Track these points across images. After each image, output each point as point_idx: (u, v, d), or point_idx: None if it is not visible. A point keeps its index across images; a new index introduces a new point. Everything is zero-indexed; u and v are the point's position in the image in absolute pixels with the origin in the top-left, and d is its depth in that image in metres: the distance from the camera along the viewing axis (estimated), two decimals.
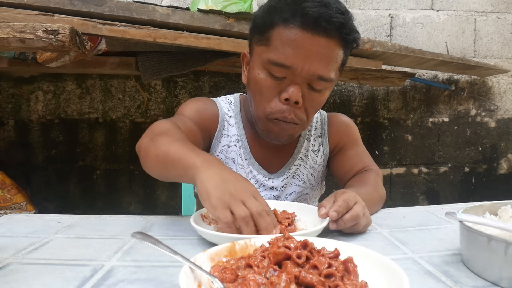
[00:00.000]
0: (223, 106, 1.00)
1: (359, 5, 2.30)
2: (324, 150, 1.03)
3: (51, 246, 0.65)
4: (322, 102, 0.84)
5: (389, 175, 2.40)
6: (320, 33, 0.74)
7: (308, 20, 0.73)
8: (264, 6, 0.82)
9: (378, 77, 2.03)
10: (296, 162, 1.00)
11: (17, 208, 1.96)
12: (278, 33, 0.76)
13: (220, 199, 0.58)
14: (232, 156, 0.97)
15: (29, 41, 1.05)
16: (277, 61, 0.76)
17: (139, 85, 2.25)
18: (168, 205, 2.32)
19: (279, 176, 0.98)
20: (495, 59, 2.38)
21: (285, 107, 0.80)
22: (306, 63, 0.75)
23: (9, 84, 2.23)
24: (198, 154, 0.67)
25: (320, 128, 1.04)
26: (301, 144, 1.01)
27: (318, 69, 0.76)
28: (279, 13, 0.76)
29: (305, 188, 1.02)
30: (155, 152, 0.72)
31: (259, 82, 0.81)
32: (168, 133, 0.76)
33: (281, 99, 0.79)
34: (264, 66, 0.79)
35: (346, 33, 0.76)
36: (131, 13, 1.42)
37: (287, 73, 0.77)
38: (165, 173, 0.73)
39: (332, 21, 0.73)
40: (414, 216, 0.82)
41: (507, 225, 0.52)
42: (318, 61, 0.76)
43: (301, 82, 0.78)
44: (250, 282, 0.40)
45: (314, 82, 0.78)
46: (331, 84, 0.82)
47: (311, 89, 0.80)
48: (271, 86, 0.80)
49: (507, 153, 2.46)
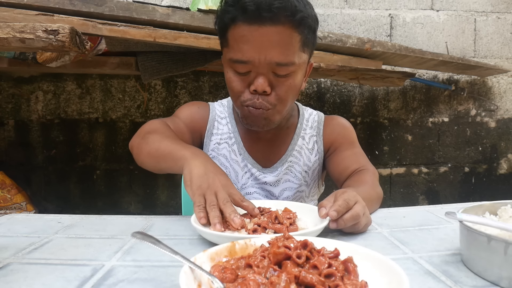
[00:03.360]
0: (216, 108, 1.06)
1: (359, 5, 2.30)
2: (319, 149, 1.05)
3: (51, 246, 0.65)
4: (294, 85, 0.86)
5: (389, 175, 2.40)
6: (265, 23, 0.77)
7: (249, 14, 0.77)
8: (218, 11, 0.87)
9: (378, 77, 2.03)
10: (289, 159, 1.01)
11: (17, 208, 1.96)
12: (231, 33, 0.82)
13: (199, 187, 0.69)
14: (224, 153, 1.01)
15: (29, 41, 1.05)
16: (236, 59, 0.82)
17: (139, 85, 2.25)
18: (168, 205, 2.32)
19: (272, 172, 1.01)
20: (495, 59, 2.38)
21: (254, 96, 0.84)
22: (261, 54, 0.79)
23: (9, 84, 2.23)
24: (186, 147, 0.79)
25: (316, 128, 1.06)
26: (295, 142, 1.03)
27: (274, 57, 0.79)
28: (226, 14, 0.82)
29: (300, 185, 1.03)
30: (147, 149, 0.84)
31: (229, 80, 0.87)
32: (158, 131, 0.86)
33: (250, 91, 0.84)
34: (229, 65, 0.85)
35: (289, 15, 0.78)
36: (131, 13, 1.42)
37: (248, 67, 0.82)
38: (157, 166, 0.84)
39: (271, 8, 0.76)
40: (414, 216, 0.83)
41: (507, 225, 0.52)
42: (271, 49, 0.79)
43: (266, 72, 0.82)
44: (250, 282, 0.40)
45: (276, 69, 0.81)
46: (296, 66, 0.83)
47: (277, 76, 0.83)
48: (240, 81, 0.85)
49: (507, 153, 2.46)
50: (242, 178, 1.00)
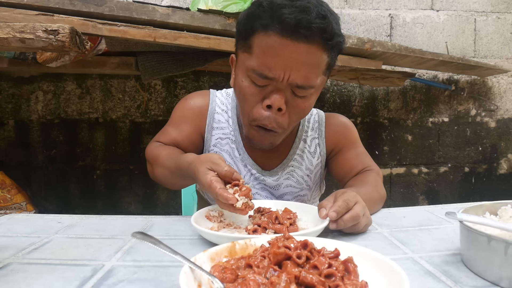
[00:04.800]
0: (218, 98, 1.01)
1: (359, 5, 2.30)
2: (321, 152, 1.01)
3: (51, 246, 0.65)
4: (307, 108, 0.83)
5: (389, 175, 2.40)
6: (299, 39, 0.72)
7: (286, 27, 0.71)
8: (245, 12, 0.81)
9: (378, 77, 2.03)
10: (291, 163, 0.98)
11: (17, 208, 1.96)
12: (258, 41, 0.76)
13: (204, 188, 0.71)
14: (227, 149, 0.97)
15: (29, 41, 1.05)
16: (258, 71, 0.76)
17: (139, 85, 2.25)
18: (168, 205, 2.32)
19: (272, 175, 0.98)
20: (495, 59, 2.38)
21: (267, 113, 0.79)
22: (287, 72, 0.75)
23: (9, 84, 2.23)
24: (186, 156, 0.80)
25: (317, 129, 1.02)
26: (297, 145, 0.99)
27: (298, 78, 0.75)
28: (258, 20, 0.75)
29: (301, 189, 1.00)
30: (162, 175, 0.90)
31: (243, 89, 0.81)
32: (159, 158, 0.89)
33: (264, 106, 0.79)
34: (247, 74, 0.79)
35: (327, 38, 0.74)
36: (131, 13, 1.42)
37: (269, 82, 0.77)
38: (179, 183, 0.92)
39: (311, 27, 0.71)
40: (414, 216, 0.83)
41: (507, 225, 0.52)
42: (298, 69, 0.75)
43: (284, 88, 0.77)
44: (250, 282, 0.40)
45: (296, 89, 0.78)
46: (315, 89, 0.81)
47: (294, 95, 0.79)
48: (254, 93, 0.79)
49: (507, 153, 2.46)
50: (244, 177, 0.98)
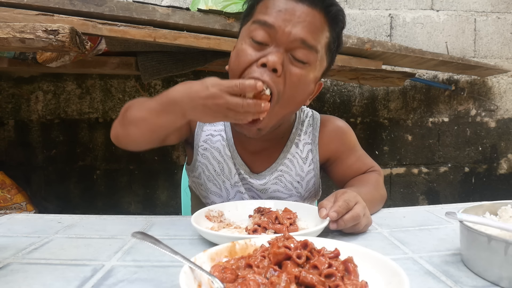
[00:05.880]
0: None
1: (359, 5, 2.30)
2: (314, 159, 0.95)
3: (51, 246, 0.65)
4: (302, 82, 0.77)
5: (389, 175, 2.40)
6: (303, 1, 0.75)
7: None
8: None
9: (378, 77, 2.02)
10: (280, 168, 0.93)
11: (17, 208, 1.96)
12: (263, 4, 0.77)
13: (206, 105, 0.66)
14: (218, 146, 0.93)
15: (29, 41, 1.05)
16: (260, 19, 0.75)
17: (139, 85, 2.25)
18: (168, 205, 2.32)
19: (260, 179, 0.93)
20: (495, 59, 2.38)
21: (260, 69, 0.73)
22: (289, 25, 0.73)
23: (9, 84, 2.23)
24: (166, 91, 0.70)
25: (310, 134, 0.96)
26: (288, 149, 0.94)
27: (301, 33, 0.73)
28: None
29: (290, 195, 0.95)
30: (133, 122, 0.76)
31: (238, 52, 0.77)
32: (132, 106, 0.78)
33: (258, 64, 0.73)
34: (247, 35, 0.77)
35: (328, 5, 0.76)
36: (131, 13, 1.42)
37: (269, 37, 0.74)
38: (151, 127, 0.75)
39: None
40: (414, 216, 0.83)
41: (507, 225, 0.52)
42: (301, 25, 0.74)
43: (284, 49, 0.74)
44: (250, 282, 0.40)
45: (297, 50, 0.74)
46: (315, 59, 0.77)
47: (293, 60, 0.75)
48: (251, 52, 0.75)
49: (507, 153, 2.46)
50: (234, 176, 0.93)
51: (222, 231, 0.71)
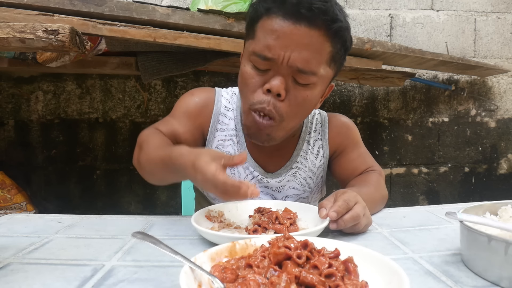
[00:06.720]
0: (223, 97, 0.97)
1: (359, 5, 2.30)
2: (324, 153, 1.00)
3: (51, 246, 0.65)
4: (308, 100, 0.80)
5: (389, 175, 2.40)
6: (301, 22, 0.72)
7: (288, 7, 0.72)
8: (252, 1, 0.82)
9: (378, 77, 2.03)
10: (294, 165, 0.97)
11: (17, 208, 1.96)
12: (262, 24, 0.76)
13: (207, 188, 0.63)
14: (229, 151, 0.95)
15: (29, 41, 1.05)
16: (259, 53, 0.76)
17: (139, 85, 2.25)
18: (168, 205, 2.32)
19: (275, 177, 0.96)
20: (495, 59, 2.38)
21: (266, 98, 0.77)
22: (287, 53, 0.73)
23: (9, 84, 2.23)
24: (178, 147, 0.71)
25: (320, 130, 1.01)
26: (300, 147, 0.98)
27: (297, 61, 0.74)
28: (262, 3, 0.76)
29: (303, 191, 0.99)
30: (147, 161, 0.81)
31: (244, 74, 0.80)
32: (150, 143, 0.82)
33: (264, 90, 0.77)
34: (249, 59, 0.79)
35: (328, 21, 0.73)
36: (131, 13, 1.42)
37: (270, 65, 0.76)
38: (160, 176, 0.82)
39: (311, 7, 0.71)
40: (414, 216, 0.83)
41: (507, 225, 0.52)
42: (298, 51, 0.73)
43: (286, 74, 0.76)
44: (250, 282, 0.40)
45: (297, 75, 0.76)
46: (317, 79, 0.78)
47: (296, 83, 0.77)
48: (256, 78, 0.78)
49: (507, 153, 2.46)
50: (245, 179, 0.95)
51: (222, 231, 0.71)
